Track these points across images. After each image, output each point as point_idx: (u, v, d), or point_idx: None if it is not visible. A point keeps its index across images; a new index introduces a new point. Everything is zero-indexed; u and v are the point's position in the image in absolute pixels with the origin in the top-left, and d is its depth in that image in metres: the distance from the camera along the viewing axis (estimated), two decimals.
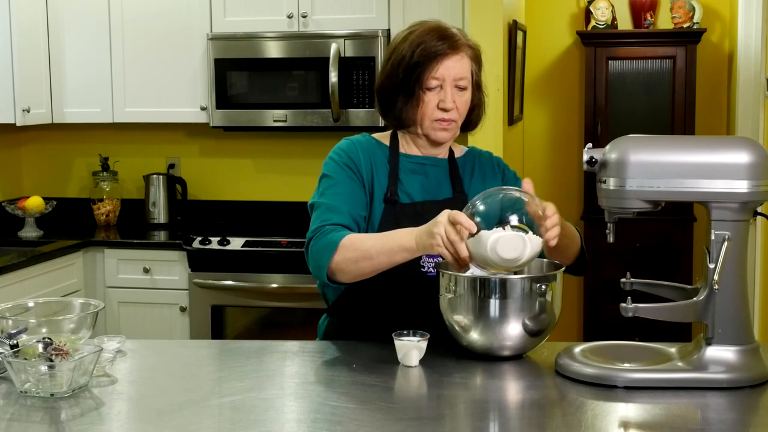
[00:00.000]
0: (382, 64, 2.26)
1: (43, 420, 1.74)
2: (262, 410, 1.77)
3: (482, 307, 1.97)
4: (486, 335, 1.99)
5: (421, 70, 2.15)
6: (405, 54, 2.17)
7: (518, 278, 1.99)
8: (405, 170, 2.26)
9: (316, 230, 2.14)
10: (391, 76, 2.20)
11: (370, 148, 2.27)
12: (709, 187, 1.86)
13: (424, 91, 2.16)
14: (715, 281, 1.86)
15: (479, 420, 1.74)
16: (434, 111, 2.18)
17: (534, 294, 1.97)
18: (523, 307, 1.97)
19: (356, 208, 2.19)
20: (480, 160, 2.36)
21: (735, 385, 1.86)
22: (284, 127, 4.35)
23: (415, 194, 2.25)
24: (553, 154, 5.53)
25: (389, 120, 2.27)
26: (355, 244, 2.05)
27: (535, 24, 5.35)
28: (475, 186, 2.28)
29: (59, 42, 4.50)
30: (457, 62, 2.17)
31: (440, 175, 2.28)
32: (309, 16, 4.30)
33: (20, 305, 2.13)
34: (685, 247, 5.08)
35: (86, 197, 4.85)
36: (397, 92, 2.19)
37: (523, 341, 2.01)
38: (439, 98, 2.17)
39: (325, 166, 2.28)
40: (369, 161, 2.25)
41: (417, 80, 2.16)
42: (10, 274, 3.78)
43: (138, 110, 4.53)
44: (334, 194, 2.21)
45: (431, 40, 2.16)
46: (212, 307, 4.18)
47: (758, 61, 4.34)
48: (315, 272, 2.14)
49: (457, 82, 2.17)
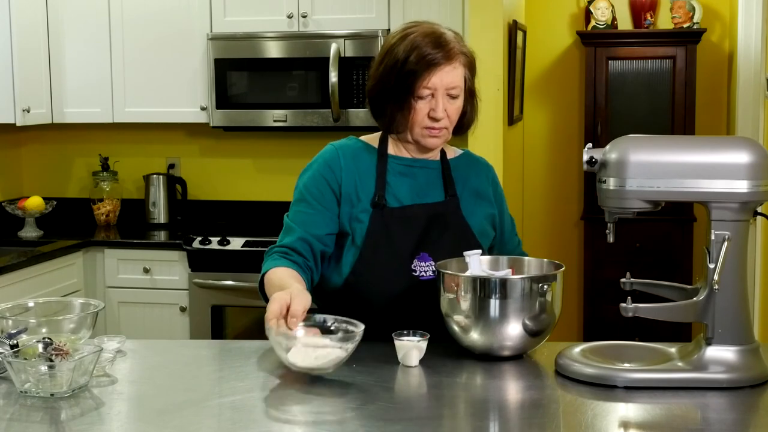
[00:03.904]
0: (375, 65, 2.22)
1: (43, 420, 1.74)
2: (262, 410, 1.77)
3: (482, 307, 1.97)
4: (486, 335, 1.99)
5: (414, 79, 2.12)
6: (399, 59, 2.13)
7: (518, 278, 1.99)
8: (393, 172, 2.24)
9: (269, 249, 2.26)
10: (383, 81, 2.17)
11: (356, 153, 2.25)
12: (709, 187, 1.86)
13: (416, 100, 2.14)
14: (715, 281, 1.86)
15: (479, 420, 1.74)
16: (424, 119, 2.15)
17: (534, 294, 1.97)
18: (523, 307, 1.97)
19: (314, 227, 2.20)
20: (476, 168, 2.34)
21: (735, 385, 1.86)
22: (284, 127, 4.35)
23: (404, 197, 2.22)
24: (553, 154, 5.53)
25: (379, 123, 2.25)
26: (266, 280, 2.17)
27: (535, 24, 5.35)
28: (467, 194, 2.27)
29: (59, 42, 4.50)
30: (450, 72, 2.13)
31: (431, 177, 2.26)
32: (309, 16, 4.30)
33: (20, 305, 2.13)
34: (685, 247, 5.08)
35: (86, 197, 4.85)
36: (387, 98, 2.17)
37: (524, 341, 2.01)
38: (430, 107, 2.14)
39: (300, 177, 2.29)
40: (352, 168, 2.22)
41: (409, 88, 2.13)
42: (10, 274, 3.79)
43: (138, 110, 4.53)
44: (296, 212, 2.25)
45: (426, 46, 2.12)
46: (212, 307, 4.18)
47: (758, 61, 4.34)
48: None
49: (449, 90, 2.15)
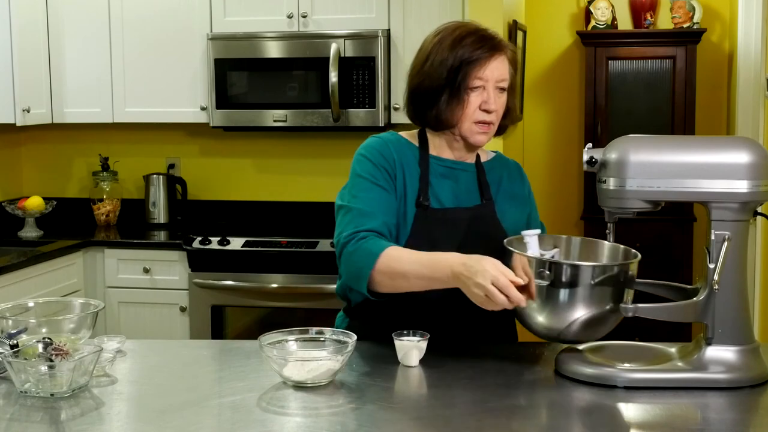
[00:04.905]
0: (416, 65, 2.21)
1: (43, 420, 1.74)
2: (262, 410, 1.77)
3: (550, 292, 1.89)
4: (551, 319, 1.91)
5: (468, 70, 2.12)
6: (449, 52, 2.13)
7: (589, 265, 1.90)
8: (435, 174, 2.22)
9: (351, 235, 2.09)
10: (432, 76, 2.15)
11: (401, 148, 2.23)
12: (709, 187, 1.86)
13: (468, 93, 2.14)
14: (715, 281, 1.86)
15: (479, 420, 1.74)
16: (476, 112, 2.15)
17: (609, 282, 1.89)
18: (592, 295, 1.88)
19: (389, 216, 2.15)
20: (508, 169, 2.34)
21: (735, 385, 1.86)
22: (284, 127, 4.35)
23: (445, 200, 2.21)
24: (553, 154, 5.53)
25: (426, 121, 2.22)
26: (393, 260, 2.02)
27: (535, 24, 5.35)
28: (502, 197, 2.26)
29: (59, 42, 4.50)
30: (499, 64, 2.15)
31: (469, 180, 2.26)
32: (309, 16, 4.30)
33: (20, 305, 2.13)
34: (685, 247, 5.08)
35: (86, 197, 4.85)
36: (439, 93, 2.15)
37: (588, 329, 1.92)
38: (481, 99, 2.15)
39: (358, 165, 2.21)
40: (401, 162, 2.21)
41: (463, 81, 2.13)
42: (10, 274, 3.78)
43: (138, 110, 4.53)
44: (368, 199, 2.15)
45: (475, 40, 2.14)
46: (212, 307, 4.18)
47: (758, 61, 4.34)
48: (351, 282, 2.11)
49: (498, 83, 2.16)
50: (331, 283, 3.99)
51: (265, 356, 1.92)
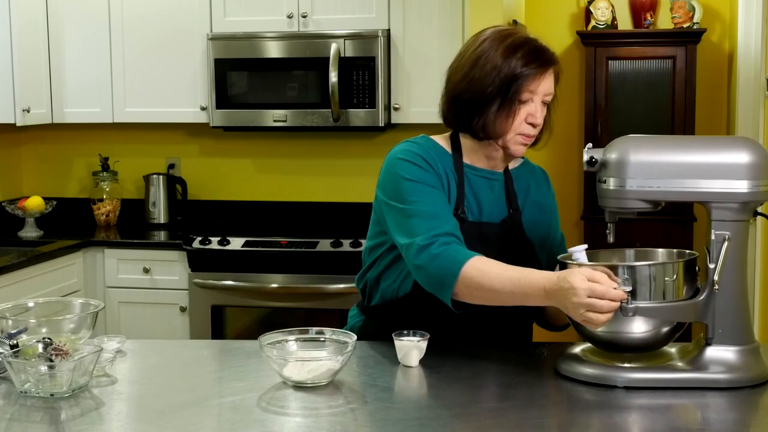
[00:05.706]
0: (459, 68, 2.13)
1: (43, 420, 1.74)
2: (262, 410, 1.77)
3: None
4: (611, 326, 1.87)
5: (522, 82, 2.06)
6: (500, 63, 2.06)
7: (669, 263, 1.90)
8: (468, 183, 2.17)
9: (431, 239, 2.00)
10: (483, 83, 2.07)
11: (440, 156, 2.16)
12: (709, 187, 1.86)
13: (518, 105, 2.08)
14: (715, 281, 1.86)
15: (479, 420, 1.74)
16: (521, 124, 2.10)
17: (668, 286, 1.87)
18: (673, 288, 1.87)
19: (454, 219, 2.09)
20: (535, 177, 2.30)
21: (735, 385, 1.86)
22: (284, 127, 4.35)
23: (476, 210, 2.17)
24: (553, 154, 5.53)
25: (469, 129, 2.14)
26: (479, 272, 1.94)
27: (535, 24, 5.34)
28: (529, 207, 2.23)
29: (59, 42, 4.50)
30: (549, 77, 2.10)
31: (499, 190, 2.21)
32: (309, 16, 4.30)
33: (20, 305, 2.13)
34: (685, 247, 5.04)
35: (86, 197, 4.85)
36: (489, 102, 2.08)
37: (650, 338, 1.91)
38: (528, 111, 2.09)
39: (401, 170, 2.11)
40: (444, 169, 2.15)
41: (516, 93, 2.07)
42: (10, 274, 3.78)
43: (138, 110, 4.53)
44: (431, 202, 2.07)
45: (528, 52, 2.07)
46: (212, 307, 4.18)
47: (758, 61, 4.34)
48: (433, 289, 2.01)
49: (545, 97, 2.11)
50: (331, 283, 4.00)
51: (265, 356, 1.92)
